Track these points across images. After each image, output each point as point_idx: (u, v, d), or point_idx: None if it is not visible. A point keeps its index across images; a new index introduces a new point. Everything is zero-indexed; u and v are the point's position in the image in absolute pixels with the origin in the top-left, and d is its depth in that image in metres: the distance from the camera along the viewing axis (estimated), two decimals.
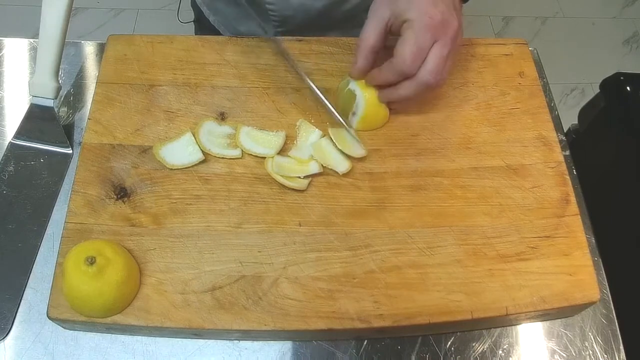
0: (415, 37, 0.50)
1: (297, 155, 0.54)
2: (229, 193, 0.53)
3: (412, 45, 0.50)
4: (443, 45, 0.51)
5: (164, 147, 0.54)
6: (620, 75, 0.76)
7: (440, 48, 0.51)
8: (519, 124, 0.59)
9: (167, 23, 1.80)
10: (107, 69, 0.59)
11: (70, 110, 0.63)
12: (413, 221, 0.52)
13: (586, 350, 0.52)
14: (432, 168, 0.55)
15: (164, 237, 0.50)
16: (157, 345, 0.49)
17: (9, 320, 0.50)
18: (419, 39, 0.50)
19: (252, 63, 0.61)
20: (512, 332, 0.52)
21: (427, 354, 0.51)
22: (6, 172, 0.57)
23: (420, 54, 0.50)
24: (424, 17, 0.50)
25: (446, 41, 0.51)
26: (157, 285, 0.48)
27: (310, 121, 0.57)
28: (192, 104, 0.58)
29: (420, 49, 0.50)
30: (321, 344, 0.50)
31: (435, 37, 0.50)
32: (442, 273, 0.49)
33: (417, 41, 0.50)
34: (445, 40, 0.51)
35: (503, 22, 1.92)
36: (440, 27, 0.50)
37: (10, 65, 0.66)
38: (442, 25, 0.50)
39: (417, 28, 0.50)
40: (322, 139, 0.56)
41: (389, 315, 0.47)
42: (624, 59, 1.87)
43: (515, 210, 0.53)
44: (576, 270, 0.50)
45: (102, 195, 0.52)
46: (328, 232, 0.51)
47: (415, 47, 0.50)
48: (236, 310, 0.47)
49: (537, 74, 0.62)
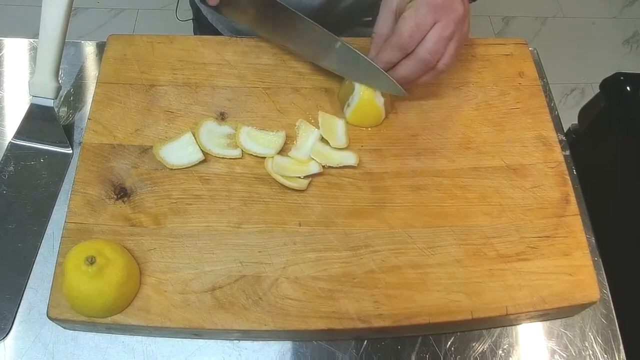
0: (415, 14, 0.51)
1: (297, 156, 0.54)
2: (229, 193, 0.53)
3: (411, 20, 0.51)
4: (444, 26, 0.51)
5: (164, 147, 0.54)
6: (620, 75, 0.76)
7: (441, 28, 0.51)
8: (519, 124, 0.59)
9: (167, 23, 1.80)
10: (107, 69, 0.59)
11: (70, 110, 0.63)
12: (413, 221, 0.52)
13: (586, 350, 0.52)
14: (432, 168, 0.55)
15: (164, 237, 0.50)
16: (157, 345, 0.49)
17: (9, 320, 0.50)
18: (419, 16, 0.50)
19: (252, 63, 0.61)
20: (512, 332, 0.52)
21: (427, 354, 0.51)
22: (6, 172, 0.57)
23: (419, 30, 0.51)
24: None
25: (448, 23, 0.51)
26: (157, 285, 0.48)
27: (310, 121, 0.57)
28: (192, 104, 0.58)
29: (418, 25, 0.51)
30: (321, 344, 0.50)
31: (436, 17, 0.51)
32: (442, 273, 0.49)
33: (417, 17, 0.51)
34: (447, 21, 0.51)
35: (503, 22, 1.92)
36: (442, 8, 0.51)
37: (10, 65, 0.66)
38: (444, 6, 0.51)
39: (418, 6, 0.51)
40: (319, 142, 0.56)
41: (389, 315, 0.47)
42: (624, 59, 1.87)
43: (515, 210, 0.53)
44: (576, 270, 0.50)
45: (102, 195, 0.52)
46: (328, 232, 0.51)
47: (413, 22, 0.51)
48: (236, 310, 0.47)
49: (537, 74, 0.62)
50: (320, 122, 0.56)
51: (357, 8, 0.73)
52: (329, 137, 0.55)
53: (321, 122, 0.56)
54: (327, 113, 0.57)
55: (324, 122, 0.56)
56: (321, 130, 0.56)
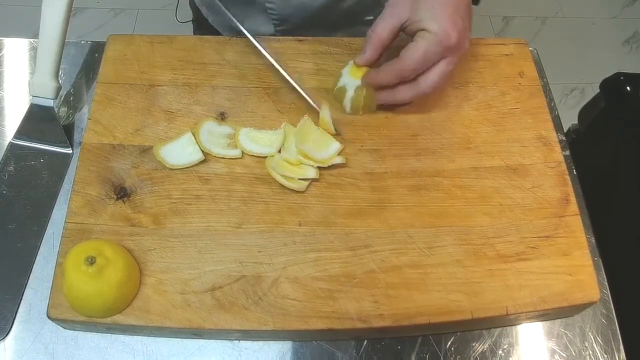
0: (426, 49, 0.51)
1: (287, 157, 0.54)
2: (229, 193, 0.53)
3: (421, 55, 0.51)
4: (449, 62, 0.52)
5: (164, 147, 0.54)
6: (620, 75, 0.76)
7: (446, 65, 0.52)
8: (519, 124, 0.59)
9: (166, 23, 1.80)
10: (107, 69, 0.59)
11: (70, 110, 0.63)
12: (413, 221, 0.52)
13: (586, 350, 0.52)
14: (432, 168, 0.55)
15: (164, 237, 0.50)
16: (157, 345, 0.49)
17: (9, 320, 0.50)
18: (429, 52, 0.51)
19: (252, 63, 0.61)
20: (512, 332, 0.52)
21: (427, 354, 0.51)
22: (6, 172, 0.57)
23: (425, 65, 0.52)
24: (441, 34, 0.50)
25: (453, 59, 0.52)
26: (157, 285, 0.48)
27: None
28: (192, 104, 0.58)
29: (427, 61, 0.51)
30: (321, 344, 0.50)
31: (445, 54, 0.51)
32: (442, 273, 0.49)
33: (427, 54, 0.51)
34: (452, 59, 0.52)
35: (503, 22, 1.92)
36: (453, 47, 0.51)
37: (10, 65, 0.66)
38: (455, 46, 0.51)
39: (432, 42, 0.50)
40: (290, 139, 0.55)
41: (389, 315, 0.47)
42: (624, 59, 1.87)
43: (515, 210, 0.53)
44: (576, 270, 0.50)
45: (102, 195, 0.52)
46: (328, 232, 0.51)
47: (423, 57, 0.51)
48: (236, 310, 0.47)
49: (537, 74, 0.62)
50: (322, 113, 0.56)
51: (359, 8, 0.73)
52: (302, 142, 0.54)
53: (322, 113, 0.56)
54: (292, 125, 0.56)
55: (299, 130, 0.55)
56: (296, 139, 0.54)
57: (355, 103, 0.57)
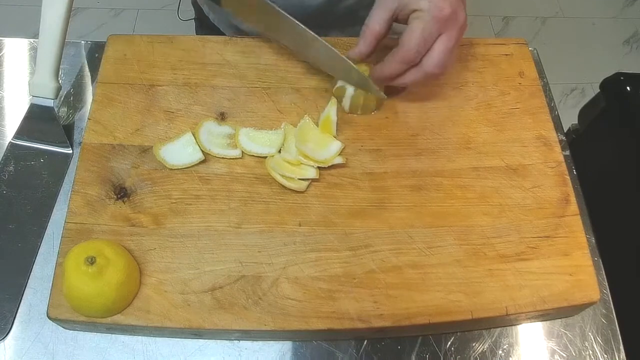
0: (423, 28, 0.50)
1: (287, 157, 0.54)
2: (229, 193, 0.53)
3: (419, 34, 0.50)
4: (449, 38, 0.51)
5: (164, 147, 0.54)
6: (620, 75, 0.76)
7: (446, 41, 0.51)
8: (519, 124, 0.59)
9: (167, 23, 1.80)
10: (107, 69, 0.59)
11: (70, 110, 0.63)
12: (413, 221, 0.52)
13: (586, 350, 0.52)
14: (432, 168, 0.55)
15: (164, 237, 0.50)
16: (157, 345, 0.49)
17: (9, 320, 0.50)
18: (426, 30, 0.50)
19: (252, 63, 0.61)
20: (512, 332, 0.52)
21: (427, 354, 0.51)
22: (6, 172, 0.57)
23: (426, 45, 0.51)
24: (433, 8, 0.50)
25: (452, 34, 0.51)
26: (157, 285, 0.48)
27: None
28: (192, 104, 0.58)
29: (426, 40, 0.51)
30: (321, 344, 0.50)
31: (442, 29, 0.51)
32: (442, 273, 0.49)
33: (424, 32, 0.50)
34: (451, 33, 0.51)
35: (503, 22, 1.92)
36: (448, 20, 0.50)
37: (10, 65, 0.66)
38: (450, 18, 0.50)
39: (426, 19, 0.50)
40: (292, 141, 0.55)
41: (389, 315, 0.47)
42: (624, 59, 1.87)
43: (515, 210, 0.53)
44: (576, 270, 0.50)
45: (102, 195, 0.52)
46: (328, 232, 0.51)
47: (421, 37, 0.50)
48: (236, 310, 0.47)
49: (537, 74, 0.62)
50: (295, 131, 0.56)
51: (358, 7, 0.73)
52: (302, 142, 0.54)
53: (296, 131, 0.56)
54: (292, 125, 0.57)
55: (299, 130, 0.56)
56: (296, 139, 0.55)
57: (355, 102, 0.57)
